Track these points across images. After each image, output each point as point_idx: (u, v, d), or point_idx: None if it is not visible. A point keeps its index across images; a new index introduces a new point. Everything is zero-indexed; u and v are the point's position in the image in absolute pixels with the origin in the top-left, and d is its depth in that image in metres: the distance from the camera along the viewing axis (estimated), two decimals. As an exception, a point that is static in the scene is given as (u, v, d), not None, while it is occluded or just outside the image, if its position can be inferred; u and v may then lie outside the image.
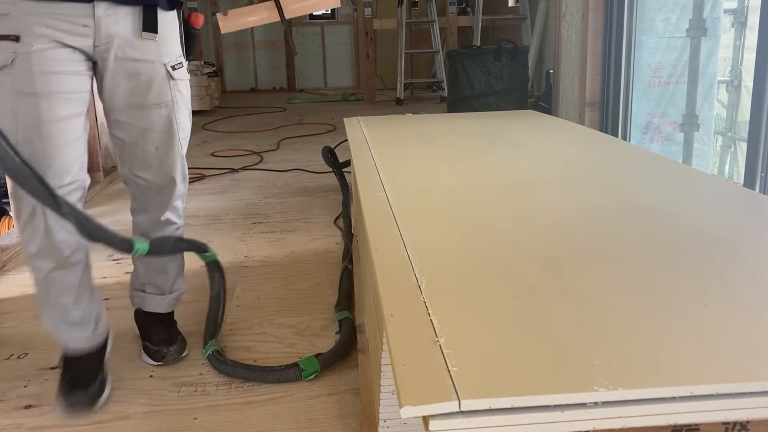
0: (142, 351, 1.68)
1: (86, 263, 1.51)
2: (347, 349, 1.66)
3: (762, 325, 0.83)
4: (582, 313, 0.87)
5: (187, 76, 1.55)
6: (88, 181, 1.46)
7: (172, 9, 1.49)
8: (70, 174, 1.38)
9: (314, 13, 8.41)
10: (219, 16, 1.68)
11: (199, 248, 1.67)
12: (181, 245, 1.67)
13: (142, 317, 1.72)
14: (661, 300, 0.91)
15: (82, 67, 1.40)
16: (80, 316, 1.49)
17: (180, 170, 1.56)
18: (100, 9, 1.36)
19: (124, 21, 1.39)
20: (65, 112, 1.36)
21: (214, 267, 1.73)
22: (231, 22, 1.70)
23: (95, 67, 1.44)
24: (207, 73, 6.30)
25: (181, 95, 1.51)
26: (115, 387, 1.54)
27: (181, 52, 1.52)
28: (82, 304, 1.48)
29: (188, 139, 1.58)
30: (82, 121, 1.42)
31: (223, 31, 1.71)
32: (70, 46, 1.36)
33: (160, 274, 1.66)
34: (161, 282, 1.67)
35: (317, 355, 1.59)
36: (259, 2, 1.67)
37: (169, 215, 1.60)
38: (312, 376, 1.55)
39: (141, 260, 1.64)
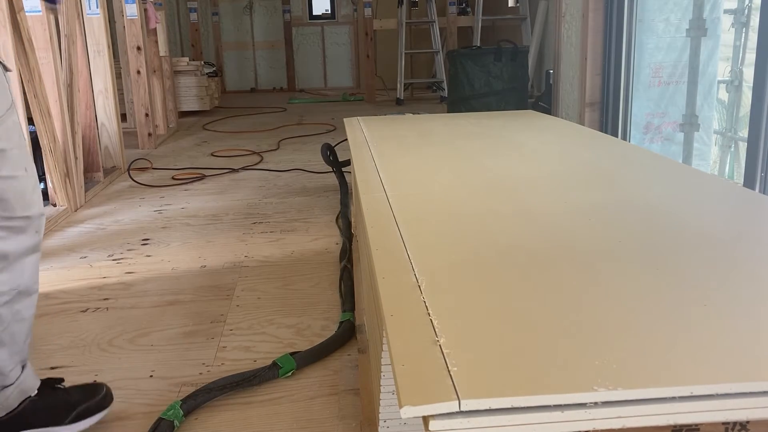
0: None
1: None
2: (327, 349, 1.66)
3: (762, 325, 0.83)
4: (582, 313, 0.87)
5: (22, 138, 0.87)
6: None
7: None
8: None
9: (314, 13, 8.43)
10: None
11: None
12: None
13: None
14: (661, 300, 0.91)
15: None
16: None
17: None
18: None
19: None
20: None
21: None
22: None
23: None
24: (207, 73, 6.30)
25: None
26: (115, 387, 1.54)
27: (8, 95, 0.82)
28: None
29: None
30: None
31: None
32: None
33: None
34: None
35: (293, 354, 1.60)
36: None
37: None
38: (289, 374, 1.55)
39: None
